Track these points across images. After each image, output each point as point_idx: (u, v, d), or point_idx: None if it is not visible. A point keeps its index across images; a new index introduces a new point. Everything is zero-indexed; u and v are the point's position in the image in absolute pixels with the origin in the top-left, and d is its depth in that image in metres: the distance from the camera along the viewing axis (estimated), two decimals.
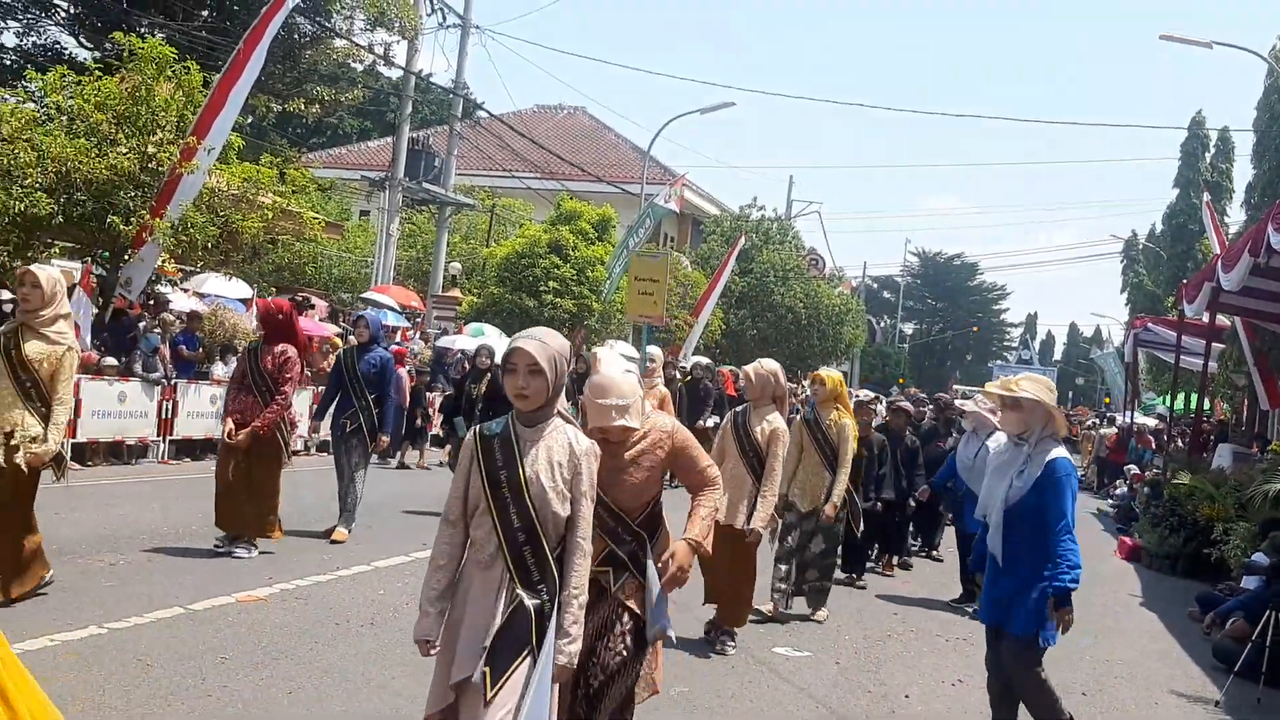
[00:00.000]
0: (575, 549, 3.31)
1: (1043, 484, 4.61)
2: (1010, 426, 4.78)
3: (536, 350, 3.28)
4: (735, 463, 6.62)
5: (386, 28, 22.12)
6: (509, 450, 3.34)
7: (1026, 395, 4.68)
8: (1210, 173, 33.25)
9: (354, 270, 26.51)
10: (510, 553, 3.27)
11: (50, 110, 13.62)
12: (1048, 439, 4.71)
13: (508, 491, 3.29)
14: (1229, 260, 12.03)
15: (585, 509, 3.34)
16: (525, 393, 3.28)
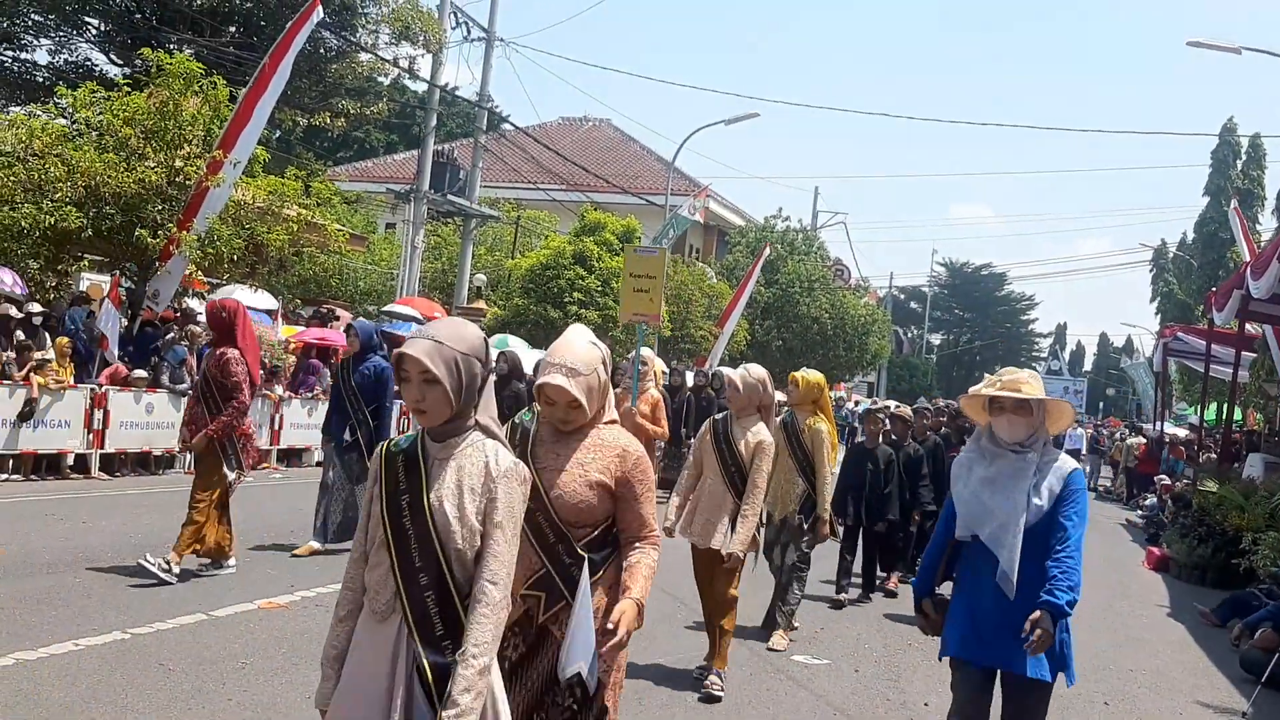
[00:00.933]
0: (480, 597, 2.60)
1: (1065, 500, 3.97)
2: (1018, 433, 4.03)
3: (429, 354, 2.64)
4: (715, 478, 5.97)
5: (411, 42, 22.29)
6: (414, 471, 2.72)
7: (1039, 396, 4.02)
8: (1242, 180, 32.98)
9: (379, 282, 26.68)
10: (410, 601, 2.61)
11: (80, 126, 13.84)
12: (1049, 443, 4.13)
13: (409, 522, 2.66)
14: (1258, 268, 11.92)
15: (499, 544, 2.64)
16: (422, 406, 2.66)
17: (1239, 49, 21.50)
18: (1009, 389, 4.02)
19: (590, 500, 3.21)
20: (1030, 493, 3.97)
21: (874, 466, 8.91)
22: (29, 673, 5.15)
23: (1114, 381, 75.81)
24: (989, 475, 4.05)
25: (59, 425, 11.74)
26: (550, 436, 3.29)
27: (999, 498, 4.00)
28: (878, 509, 8.97)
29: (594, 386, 3.21)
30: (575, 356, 3.18)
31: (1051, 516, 3.95)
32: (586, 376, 3.18)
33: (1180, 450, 22.88)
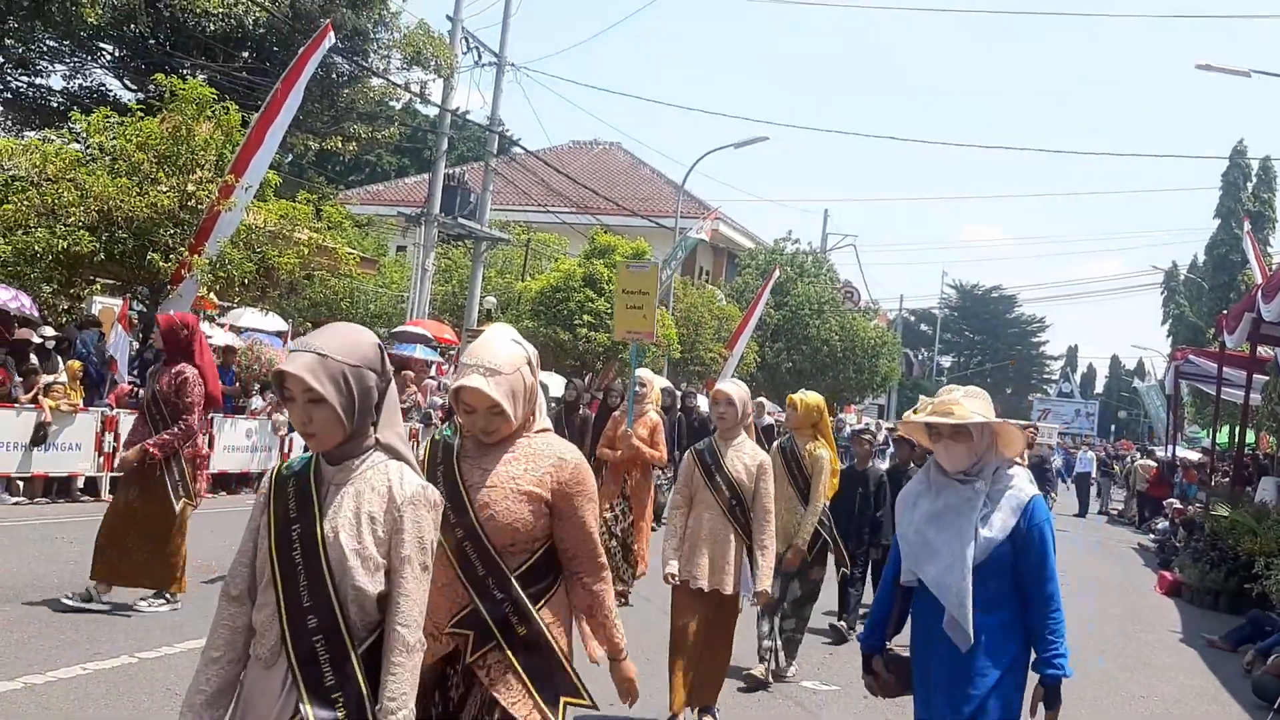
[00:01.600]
0: (394, 643, 2.28)
1: (1026, 536, 3.40)
2: (957, 461, 3.48)
3: (311, 371, 2.30)
4: (712, 513, 5.37)
5: (423, 66, 22.44)
6: (306, 498, 2.37)
7: (978, 419, 3.45)
8: (1252, 202, 32.96)
9: (390, 305, 26.78)
10: (296, 646, 2.28)
11: (94, 150, 13.96)
12: (1004, 467, 3.53)
13: (300, 557, 2.32)
14: (1269, 291, 11.89)
15: (409, 582, 2.30)
16: (310, 429, 2.35)
17: (1248, 72, 21.50)
18: (939, 413, 3.48)
19: (524, 516, 2.83)
20: (978, 525, 3.41)
21: (864, 489, 8.36)
22: (37, 696, 5.15)
23: (1126, 404, 75.50)
24: (934, 509, 3.51)
25: (70, 448, 11.79)
26: (475, 450, 2.93)
27: (945, 534, 3.43)
28: (871, 534, 8.43)
29: (518, 389, 2.85)
30: (494, 355, 2.83)
31: (1011, 554, 3.39)
32: (508, 377, 2.82)
33: (1192, 474, 22.76)
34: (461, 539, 2.84)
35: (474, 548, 2.83)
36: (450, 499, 2.79)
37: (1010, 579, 3.41)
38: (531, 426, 2.95)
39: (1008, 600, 3.42)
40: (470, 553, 2.83)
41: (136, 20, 18.76)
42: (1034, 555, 3.41)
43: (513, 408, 2.83)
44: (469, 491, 2.87)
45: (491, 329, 3.02)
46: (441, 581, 2.76)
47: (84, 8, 16.42)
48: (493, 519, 2.83)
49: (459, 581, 2.84)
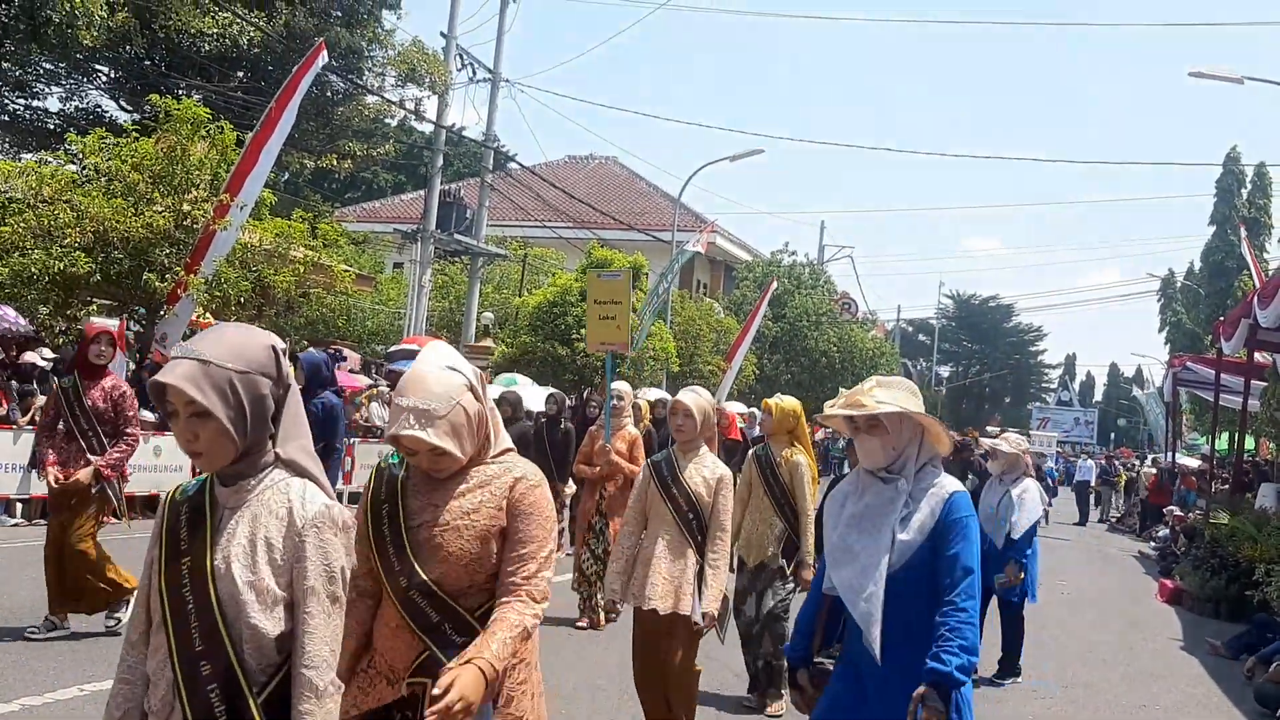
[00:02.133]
0: (300, 690, 1.99)
1: (943, 533, 3.10)
2: (875, 457, 3.19)
3: (192, 380, 2.01)
4: (668, 529, 4.95)
5: (417, 83, 22.53)
6: (198, 525, 2.08)
7: (889, 408, 3.13)
8: (1248, 209, 33.05)
9: (387, 322, 26.77)
10: (190, 699, 1.99)
11: (89, 172, 13.99)
12: (929, 465, 3.24)
13: (190, 594, 2.02)
14: (1265, 296, 11.90)
15: (316, 617, 2.01)
16: (196, 448, 2.06)
17: (1241, 79, 21.58)
18: (850, 405, 3.17)
19: (481, 556, 2.55)
20: (896, 528, 3.11)
21: None
22: (35, 718, 5.13)
23: (1125, 412, 75.52)
24: (857, 511, 3.23)
25: None
26: (424, 484, 2.62)
27: (864, 538, 3.16)
28: None
29: (460, 424, 2.53)
30: (427, 393, 2.51)
31: (932, 557, 3.09)
32: (445, 417, 2.50)
33: (1192, 480, 22.75)
34: (407, 587, 2.52)
35: (423, 595, 2.53)
36: (393, 542, 2.56)
37: (934, 585, 3.07)
38: (487, 452, 2.66)
39: (929, 609, 3.06)
40: (419, 601, 2.53)
41: (132, 42, 18.85)
42: (949, 551, 3.07)
43: (458, 445, 2.54)
44: (416, 533, 2.55)
45: (423, 354, 2.66)
46: (394, 622, 2.57)
47: (80, 30, 16.48)
48: (446, 562, 2.53)
49: (409, 631, 2.54)
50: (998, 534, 7.44)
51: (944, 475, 3.22)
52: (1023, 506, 7.55)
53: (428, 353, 2.67)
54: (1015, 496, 7.54)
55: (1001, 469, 7.78)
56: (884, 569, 3.08)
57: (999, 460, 7.83)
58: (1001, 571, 7.39)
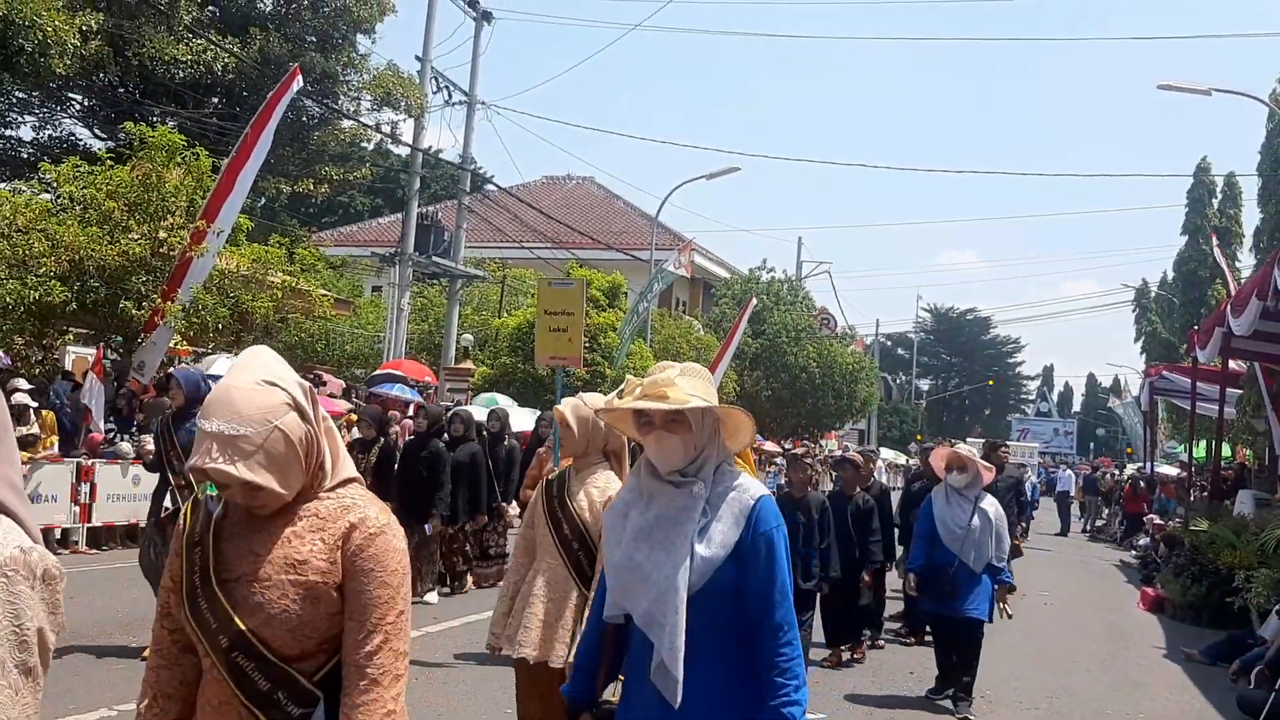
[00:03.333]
0: None
1: (752, 548, 2.59)
2: (671, 457, 2.67)
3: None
4: (551, 559, 4.19)
5: (393, 107, 22.52)
6: None
7: (697, 402, 2.63)
8: (1219, 218, 33.33)
9: (366, 346, 26.71)
10: None
11: (64, 200, 13.92)
12: (728, 465, 2.74)
13: None
14: (1238, 305, 12.03)
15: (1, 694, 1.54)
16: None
17: (1208, 90, 21.87)
18: (651, 396, 2.66)
19: (312, 619, 2.06)
20: (694, 541, 2.59)
21: (805, 519, 7.35)
22: None
23: (1103, 421, 75.99)
24: (644, 524, 2.68)
25: (45, 500, 11.67)
26: (245, 523, 2.14)
27: (657, 554, 2.62)
28: (816, 567, 7.40)
29: (278, 451, 2.06)
30: (235, 416, 2.03)
31: (738, 575, 2.58)
32: (261, 446, 2.04)
33: (1170, 488, 22.90)
34: (229, 648, 2.05)
35: (250, 659, 2.06)
36: (204, 594, 2.08)
37: (739, 607, 2.60)
38: (323, 482, 2.16)
39: (732, 634, 2.60)
40: (245, 666, 2.06)
41: (105, 70, 18.79)
42: (760, 572, 2.58)
43: (277, 478, 2.06)
44: (233, 589, 2.07)
45: (236, 364, 2.17)
46: (217, 699, 2.09)
47: (53, 59, 16.39)
48: (270, 622, 2.05)
49: (237, 702, 2.07)
50: (968, 553, 6.96)
51: (744, 476, 2.73)
52: (1004, 532, 7.20)
53: (240, 364, 2.16)
54: (993, 516, 7.09)
55: (965, 481, 7.19)
56: (684, 592, 2.55)
57: (966, 473, 7.21)
58: (971, 593, 6.95)
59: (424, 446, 9.63)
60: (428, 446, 9.60)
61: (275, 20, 21.50)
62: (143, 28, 18.56)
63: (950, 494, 7.19)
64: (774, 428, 33.42)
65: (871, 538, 8.43)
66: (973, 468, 7.21)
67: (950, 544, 7.03)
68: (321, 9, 21.20)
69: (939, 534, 7.12)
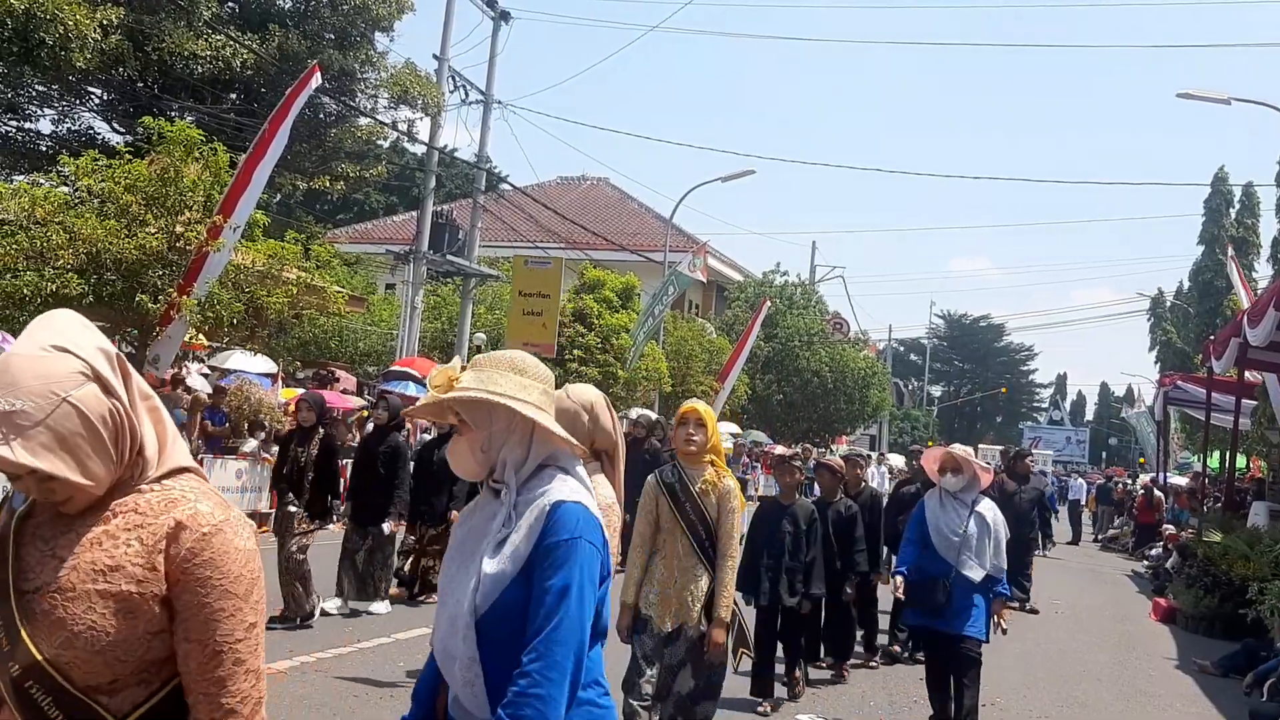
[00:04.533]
0: None
1: (538, 562, 2.22)
2: (460, 463, 2.36)
3: None
4: None
5: (410, 105, 22.55)
6: None
7: (473, 392, 2.28)
8: (1236, 228, 33.22)
9: (379, 343, 26.76)
10: None
11: (82, 193, 13.97)
12: (549, 469, 2.35)
13: None
14: (1255, 315, 11.98)
15: None
16: None
17: (1228, 99, 21.80)
18: (440, 387, 2.32)
19: (125, 639, 1.67)
20: (486, 556, 2.26)
21: (792, 528, 6.84)
22: None
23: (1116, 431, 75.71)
24: (457, 540, 2.40)
25: None
26: (50, 523, 1.75)
27: (459, 575, 2.31)
28: (800, 581, 6.86)
29: (72, 432, 1.66)
30: (11, 385, 1.64)
31: (526, 594, 2.22)
32: (44, 422, 1.64)
33: (1184, 499, 22.80)
34: (20, 677, 1.67)
35: (45, 690, 1.68)
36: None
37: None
38: (146, 471, 1.77)
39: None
40: (39, 699, 1.67)
41: (125, 64, 18.86)
42: (539, 588, 2.19)
43: (72, 465, 1.67)
44: (31, 601, 1.68)
45: (26, 331, 1.77)
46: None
47: (73, 52, 16.49)
48: (72, 643, 1.67)
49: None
50: (964, 561, 6.35)
51: (559, 481, 2.30)
52: (1002, 540, 6.53)
53: (29, 328, 1.77)
54: (991, 521, 6.45)
55: (960, 485, 6.56)
56: (470, 616, 2.22)
57: (962, 475, 6.57)
58: (967, 608, 6.33)
59: (383, 440, 9.05)
60: (386, 440, 9.02)
61: (294, 17, 21.58)
62: (163, 23, 18.65)
63: (944, 498, 6.57)
64: (785, 431, 33.38)
65: (855, 547, 7.82)
66: (969, 469, 6.57)
67: (945, 552, 6.40)
68: (340, 7, 21.26)
69: (931, 540, 6.47)
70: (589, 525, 2.25)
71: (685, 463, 4.99)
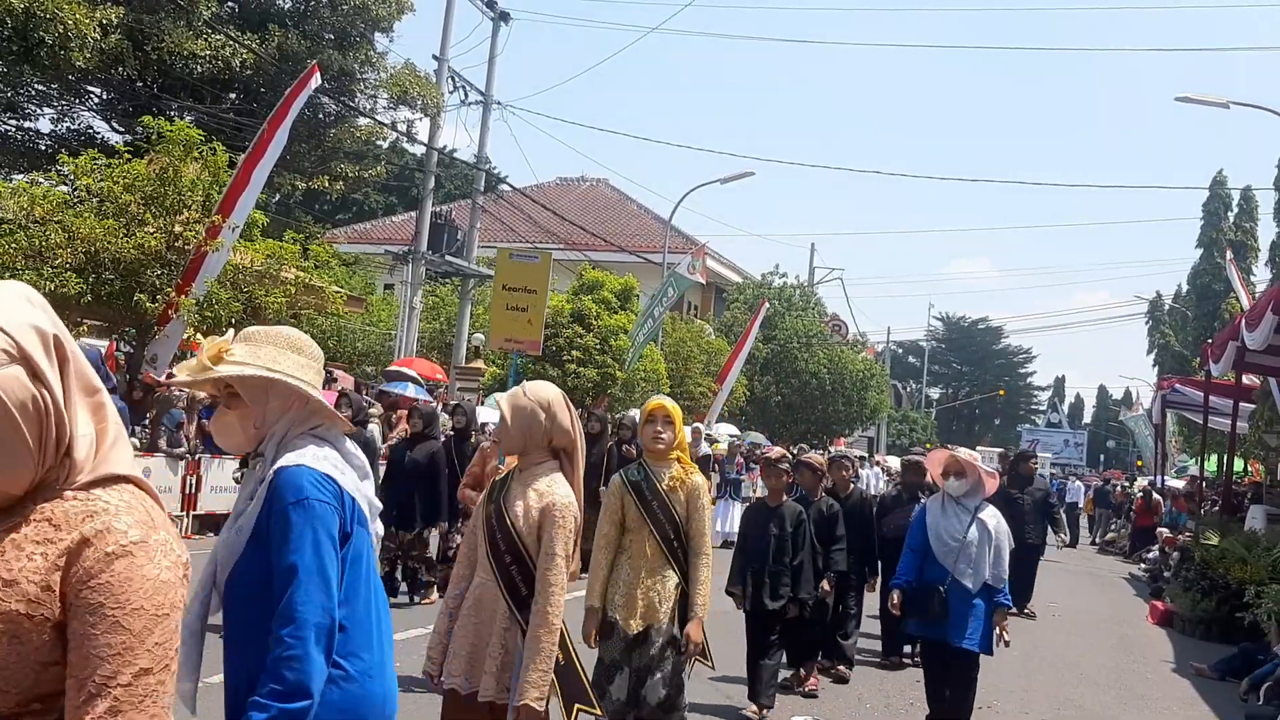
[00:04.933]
0: None
1: (267, 531, 2.24)
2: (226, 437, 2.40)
3: None
4: (484, 573, 3.55)
5: (409, 106, 22.56)
6: None
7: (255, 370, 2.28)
8: (1234, 232, 33.25)
9: (378, 343, 26.77)
10: None
11: (81, 193, 13.97)
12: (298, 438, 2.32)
13: None
14: (1253, 319, 11.99)
15: None
16: None
17: (1227, 103, 21.83)
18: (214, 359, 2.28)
19: (6, 659, 1.43)
20: (224, 527, 2.36)
21: (779, 530, 6.66)
22: None
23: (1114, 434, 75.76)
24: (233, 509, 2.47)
25: None
26: None
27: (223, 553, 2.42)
28: (787, 585, 6.63)
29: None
30: None
31: (260, 561, 2.22)
32: None
33: (1182, 502, 22.81)
34: None
35: None
36: None
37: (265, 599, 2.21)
38: (72, 474, 1.53)
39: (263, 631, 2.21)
40: None
41: (124, 63, 18.86)
42: (273, 555, 2.20)
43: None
44: None
45: None
46: None
47: (73, 52, 16.49)
48: None
49: None
50: (962, 569, 6.18)
51: (295, 452, 2.28)
52: (1004, 548, 6.31)
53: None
54: (993, 529, 6.27)
55: (963, 489, 6.35)
56: (209, 590, 2.30)
57: (966, 479, 6.36)
58: (965, 618, 6.16)
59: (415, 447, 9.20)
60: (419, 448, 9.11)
61: (294, 17, 21.58)
62: (162, 22, 18.65)
63: (947, 502, 6.39)
64: (784, 433, 33.39)
65: (834, 545, 7.43)
66: (973, 473, 6.35)
67: (943, 558, 6.23)
68: (340, 7, 21.26)
69: (931, 547, 6.31)
70: (314, 483, 2.24)
71: (652, 461, 4.86)
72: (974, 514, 6.26)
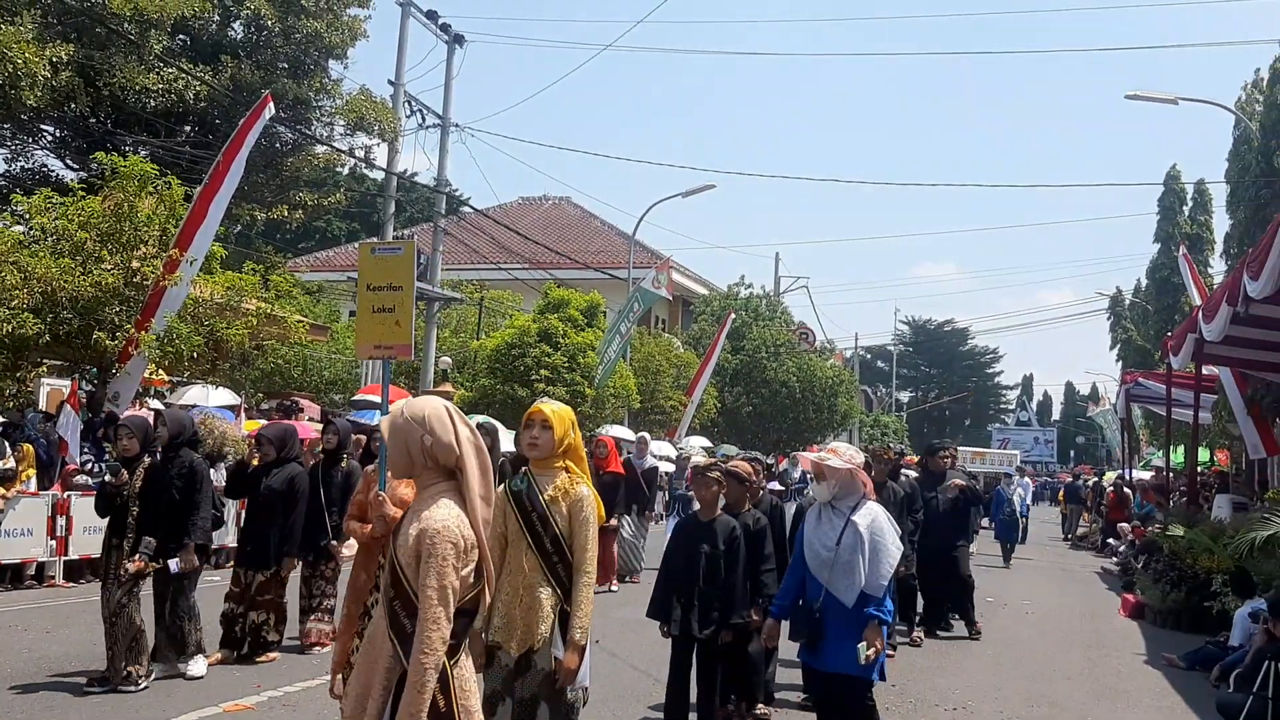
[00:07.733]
0: None
1: None
2: None
3: None
4: (380, 608, 3.29)
5: (366, 131, 22.55)
6: None
7: None
8: (1190, 225, 33.64)
9: (344, 371, 26.63)
10: None
11: (36, 232, 13.85)
12: None
13: None
14: (1209, 311, 12.19)
15: None
16: None
17: (1176, 99, 22.19)
18: None
19: None
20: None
21: (710, 548, 5.96)
22: None
23: (1083, 429, 76.46)
24: None
25: (21, 534, 11.56)
26: None
27: None
28: (721, 609, 5.94)
29: None
30: None
31: None
32: None
33: (1151, 495, 23.05)
34: None
35: None
36: None
37: None
38: None
39: None
40: None
41: (77, 100, 18.74)
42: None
43: None
44: None
45: None
46: None
47: (23, 90, 16.37)
48: None
49: None
50: (836, 581, 5.33)
51: None
52: (883, 550, 5.35)
53: None
54: (865, 530, 5.34)
55: (832, 491, 5.51)
56: None
57: (827, 482, 5.52)
58: (844, 639, 5.26)
59: (173, 459, 7.40)
60: (179, 457, 7.39)
61: (246, 48, 21.52)
62: (113, 58, 18.54)
63: (823, 510, 5.58)
64: (756, 443, 33.49)
65: (763, 565, 6.25)
66: (834, 476, 5.48)
67: (816, 571, 5.40)
68: (293, 36, 21.22)
69: (807, 561, 5.50)
70: None
71: (536, 470, 4.42)
72: (847, 517, 5.42)
